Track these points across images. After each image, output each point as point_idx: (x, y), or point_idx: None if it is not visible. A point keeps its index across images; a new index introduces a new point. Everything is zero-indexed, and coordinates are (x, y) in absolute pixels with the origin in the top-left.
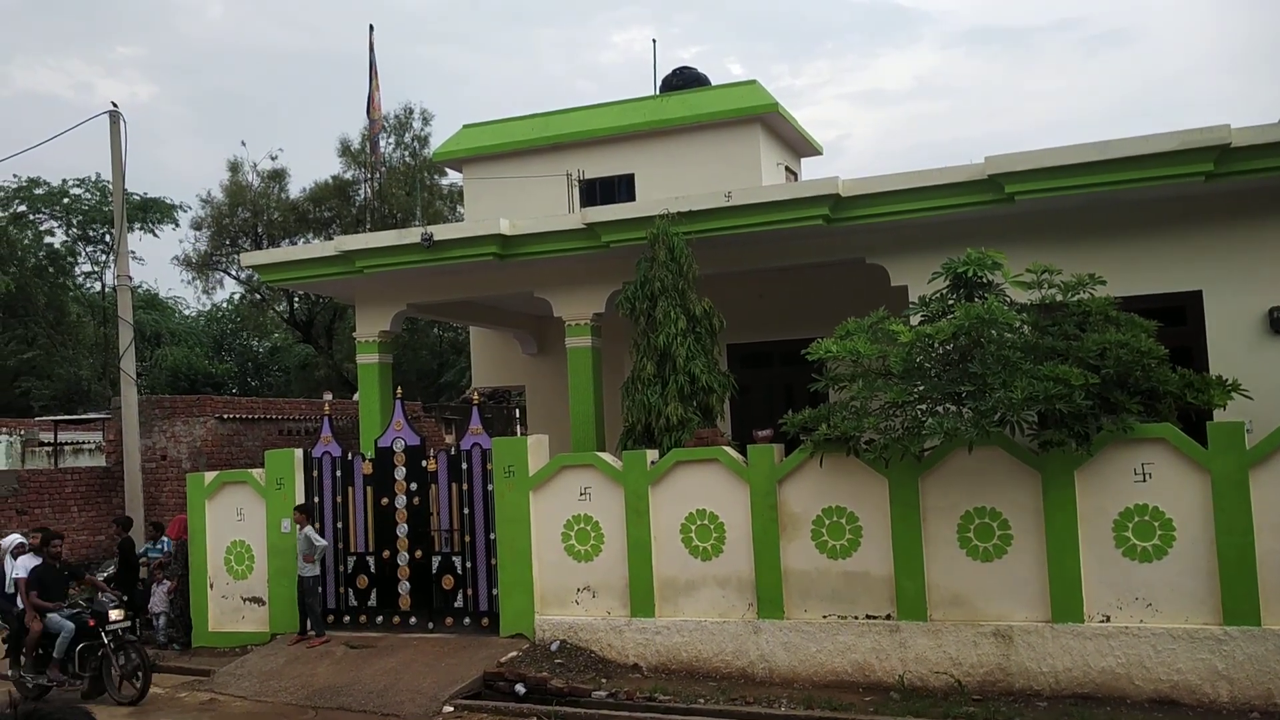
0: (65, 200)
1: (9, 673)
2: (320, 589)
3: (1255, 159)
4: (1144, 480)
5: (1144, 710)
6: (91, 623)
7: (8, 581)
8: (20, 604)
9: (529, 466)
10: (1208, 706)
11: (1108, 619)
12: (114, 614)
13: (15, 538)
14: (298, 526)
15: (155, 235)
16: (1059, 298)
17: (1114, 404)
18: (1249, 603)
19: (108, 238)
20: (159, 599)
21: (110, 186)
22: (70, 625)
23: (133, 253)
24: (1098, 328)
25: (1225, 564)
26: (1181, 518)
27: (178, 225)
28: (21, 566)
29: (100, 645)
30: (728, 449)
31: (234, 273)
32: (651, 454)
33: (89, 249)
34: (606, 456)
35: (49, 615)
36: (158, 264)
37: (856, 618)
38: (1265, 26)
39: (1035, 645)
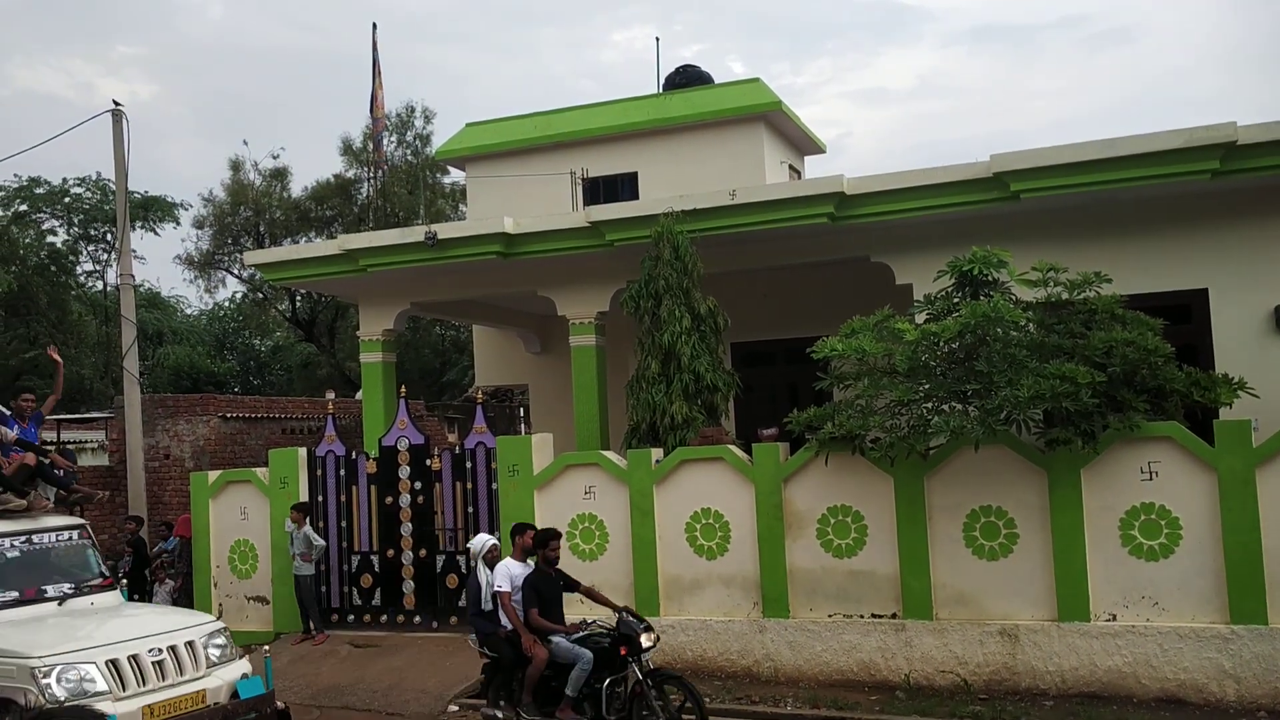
0: (66, 199)
1: (494, 713)
2: (324, 587)
3: (1261, 157)
4: (1150, 479)
5: (1150, 709)
6: (623, 650)
7: (483, 595)
8: (505, 623)
9: (533, 465)
10: (1214, 705)
11: (1114, 618)
12: (645, 639)
13: (487, 538)
14: (296, 525)
15: (156, 234)
16: (1065, 296)
17: (1120, 402)
18: (1256, 601)
19: (109, 236)
20: (162, 598)
21: (111, 185)
22: (588, 654)
23: (134, 251)
24: (1104, 326)
25: (1232, 562)
26: (1188, 516)
27: (179, 224)
28: (503, 575)
29: (630, 678)
30: (733, 448)
31: (236, 271)
32: (656, 453)
33: (90, 248)
34: (611, 455)
35: (554, 640)
36: (159, 263)
37: (862, 616)
38: (1268, 24)
39: (1041, 644)
